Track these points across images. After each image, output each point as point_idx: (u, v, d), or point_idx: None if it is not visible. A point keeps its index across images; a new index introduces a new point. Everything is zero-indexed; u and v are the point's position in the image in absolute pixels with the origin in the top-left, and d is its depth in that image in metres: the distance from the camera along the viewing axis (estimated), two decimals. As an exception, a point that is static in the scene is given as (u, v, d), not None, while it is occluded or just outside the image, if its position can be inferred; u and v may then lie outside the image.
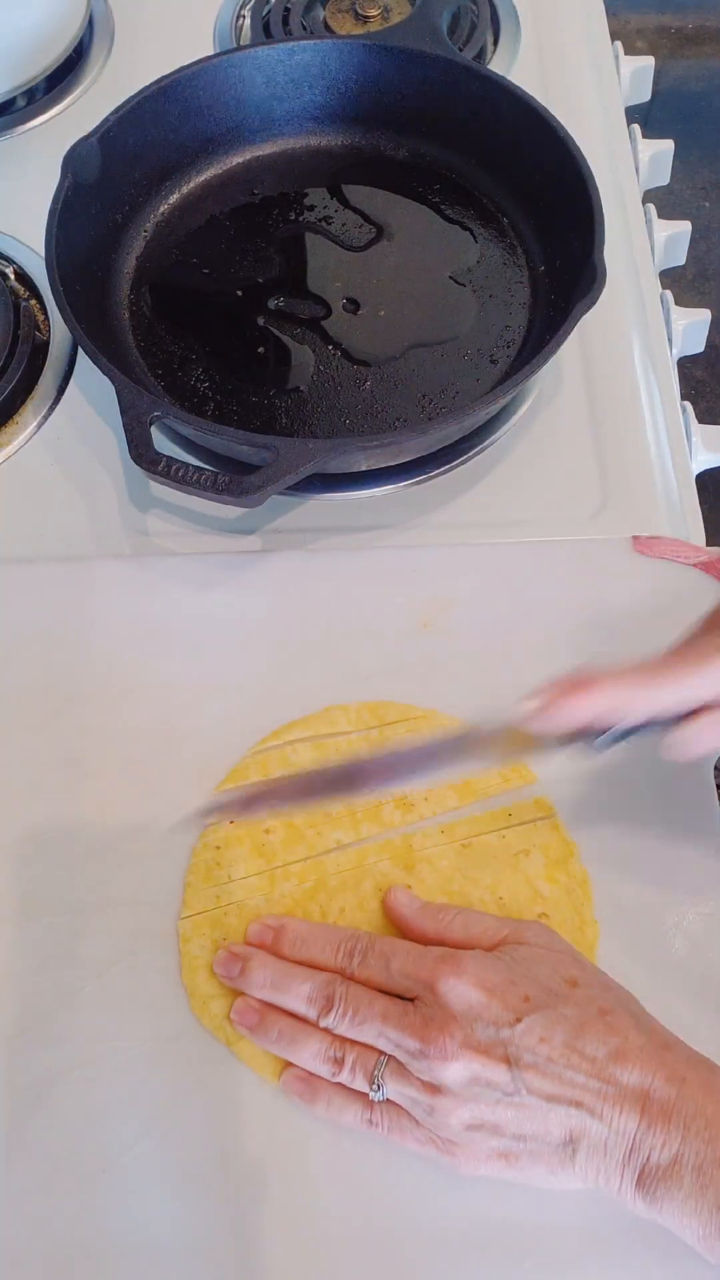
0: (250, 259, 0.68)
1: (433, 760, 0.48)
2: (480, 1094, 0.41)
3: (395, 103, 0.71)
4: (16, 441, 0.64)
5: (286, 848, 0.50)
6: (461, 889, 0.49)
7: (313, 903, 0.49)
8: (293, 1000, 0.45)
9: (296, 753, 0.52)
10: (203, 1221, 0.43)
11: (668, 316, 0.69)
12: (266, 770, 0.52)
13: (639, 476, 0.61)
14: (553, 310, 0.64)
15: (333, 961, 0.45)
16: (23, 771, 0.52)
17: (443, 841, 0.50)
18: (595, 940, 0.48)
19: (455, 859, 0.50)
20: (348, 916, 0.48)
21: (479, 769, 0.50)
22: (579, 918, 0.48)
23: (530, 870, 0.49)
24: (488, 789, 0.51)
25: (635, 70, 0.84)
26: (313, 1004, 0.44)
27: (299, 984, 0.45)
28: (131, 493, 0.61)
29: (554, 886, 0.49)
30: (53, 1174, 0.44)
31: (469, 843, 0.50)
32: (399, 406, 0.62)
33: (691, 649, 0.44)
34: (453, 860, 0.50)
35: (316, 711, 0.53)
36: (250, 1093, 0.46)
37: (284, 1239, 0.43)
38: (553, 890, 0.49)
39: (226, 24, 0.83)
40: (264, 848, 0.50)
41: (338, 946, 0.45)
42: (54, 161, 0.63)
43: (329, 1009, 0.44)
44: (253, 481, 0.53)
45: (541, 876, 0.49)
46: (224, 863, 0.50)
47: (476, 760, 0.47)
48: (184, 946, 0.48)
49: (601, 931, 0.48)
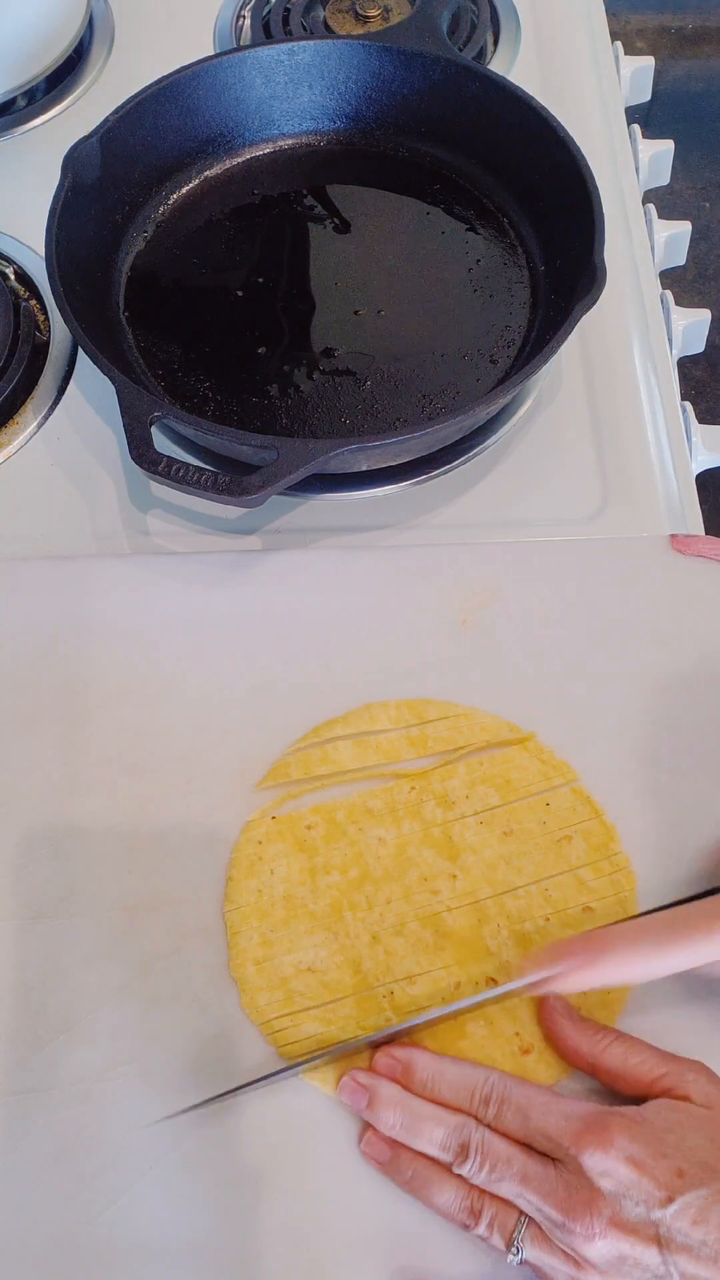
0: (250, 259, 0.68)
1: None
2: (629, 1272, 0.39)
3: (395, 103, 0.71)
4: (16, 441, 0.64)
5: (328, 843, 0.50)
6: (506, 878, 0.49)
7: (359, 894, 0.49)
8: (424, 1144, 0.43)
9: (337, 750, 0.52)
10: (203, 1221, 0.43)
11: (668, 316, 0.69)
12: (307, 768, 0.52)
13: (639, 476, 0.61)
14: (553, 310, 0.64)
15: (465, 1106, 0.43)
16: (61, 769, 0.52)
17: (483, 831, 0.50)
18: None
19: (498, 847, 0.50)
20: (394, 907, 0.49)
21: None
22: (623, 910, 0.48)
23: (574, 858, 0.50)
24: (529, 787, 0.51)
25: (635, 70, 0.84)
26: (446, 1150, 0.42)
27: (431, 1128, 0.42)
28: (131, 493, 0.61)
29: (599, 877, 0.49)
30: (95, 1169, 0.44)
31: (510, 831, 0.50)
32: (399, 406, 0.62)
33: (700, 914, 0.43)
34: (496, 849, 0.50)
35: (356, 709, 0.53)
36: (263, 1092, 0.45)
37: (284, 1239, 0.43)
38: (598, 881, 0.49)
39: (226, 24, 0.83)
40: (305, 843, 0.50)
41: (471, 1092, 0.43)
42: (54, 161, 0.63)
43: (464, 1159, 0.41)
44: (253, 481, 0.53)
45: (585, 864, 0.49)
46: (266, 857, 0.50)
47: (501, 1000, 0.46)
48: (232, 940, 0.48)
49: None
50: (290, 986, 0.47)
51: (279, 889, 0.49)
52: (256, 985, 0.47)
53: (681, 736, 0.53)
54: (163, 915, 0.49)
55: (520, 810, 0.51)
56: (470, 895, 0.49)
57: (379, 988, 0.47)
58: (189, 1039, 0.46)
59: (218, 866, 0.50)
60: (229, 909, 0.49)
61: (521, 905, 0.49)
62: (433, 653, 0.55)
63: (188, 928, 0.49)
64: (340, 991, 0.47)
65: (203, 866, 0.50)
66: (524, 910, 0.49)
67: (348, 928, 0.48)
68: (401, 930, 0.48)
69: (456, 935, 0.48)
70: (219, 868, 0.50)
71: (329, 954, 0.48)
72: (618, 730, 0.53)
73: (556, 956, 0.43)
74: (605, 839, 0.50)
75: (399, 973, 0.47)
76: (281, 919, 0.48)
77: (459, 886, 0.49)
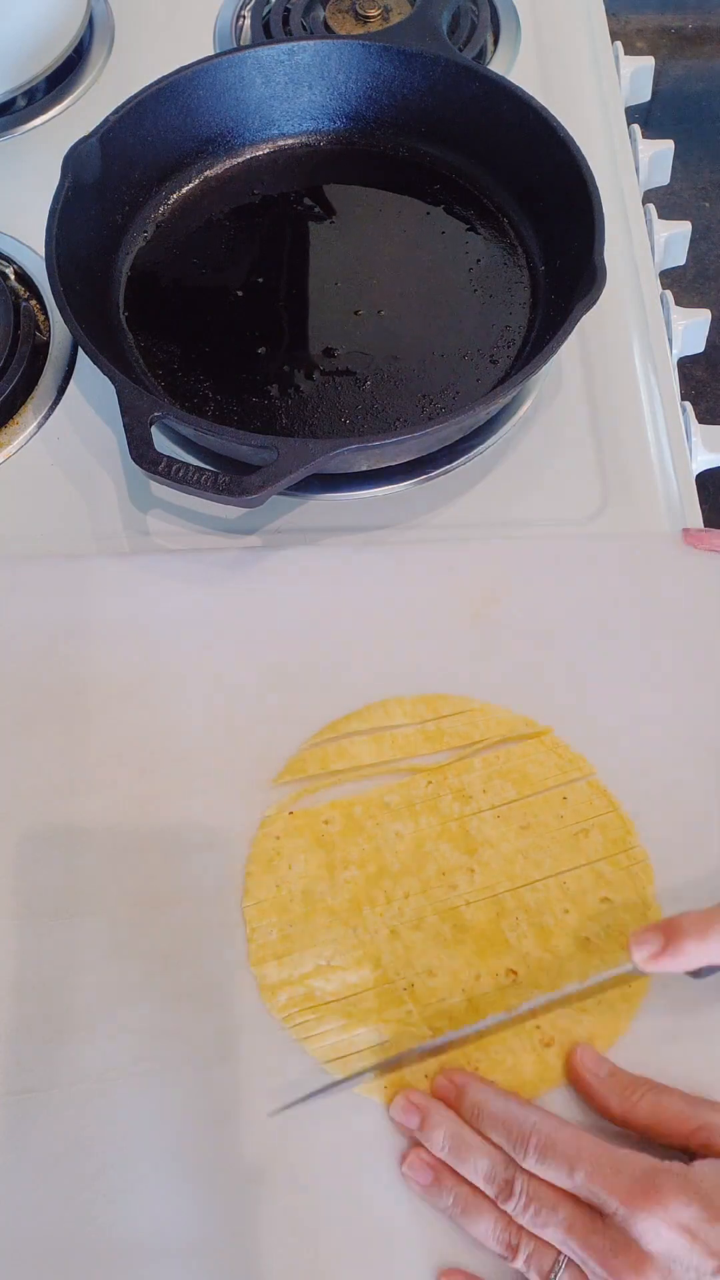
0: (250, 259, 0.68)
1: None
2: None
3: (395, 103, 0.71)
4: (16, 442, 0.64)
5: (346, 838, 0.50)
6: (524, 871, 0.49)
7: (377, 889, 0.49)
8: (469, 1172, 0.42)
9: (353, 745, 0.52)
10: (203, 1221, 0.43)
11: (668, 316, 0.69)
12: (324, 763, 0.52)
13: (639, 476, 0.61)
14: (553, 310, 0.64)
15: (507, 1145, 0.42)
16: (65, 768, 0.52)
17: (500, 825, 0.50)
18: None
19: (516, 840, 0.50)
20: (413, 901, 0.49)
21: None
22: (642, 902, 0.49)
23: (591, 851, 0.50)
24: (545, 781, 0.51)
25: (635, 70, 0.84)
26: (490, 1183, 0.42)
27: (477, 1157, 0.42)
28: (132, 493, 0.61)
29: (616, 870, 0.49)
30: (99, 1168, 0.44)
31: (527, 824, 0.50)
32: (399, 406, 0.62)
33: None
34: (514, 843, 0.50)
35: (370, 704, 0.53)
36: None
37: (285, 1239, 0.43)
38: (615, 874, 0.49)
39: (226, 24, 0.83)
40: (323, 838, 0.50)
41: (508, 1132, 0.42)
42: (54, 161, 0.63)
43: (508, 1195, 0.41)
44: (253, 481, 0.53)
45: (602, 857, 0.50)
46: (284, 852, 0.50)
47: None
48: (251, 933, 0.48)
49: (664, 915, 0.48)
50: (310, 981, 0.47)
51: (297, 884, 0.49)
52: (276, 980, 0.47)
53: (696, 729, 0.53)
54: (179, 911, 0.49)
55: (537, 804, 0.51)
56: (488, 889, 0.49)
57: (399, 981, 0.47)
58: (208, 1034, 0.46)
59: (235, 862, 0.50)
60: (248, 904, 0.49)
61: (540, 898, 0.49)
62: (445, 648, 0.55)
63: (205, 923, 0.49)
64: (360, 985, 0.47)
65: (220, 862, 0.50)
66: (542, 903, 0.49)
67: (366, 922, 0.48)
68: (420, 924, 0.48)
69: (475, 929, 0.48)
70: (237, 863, 0.50)
71: (348, 948, 0.48)
72: (633, 724, 0.53)
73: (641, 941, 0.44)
74: (623, 832, 0.50)
75: (419, 966, 0.47)
76: (300, 914, 0.49)
77: (477, 880, 0.49)
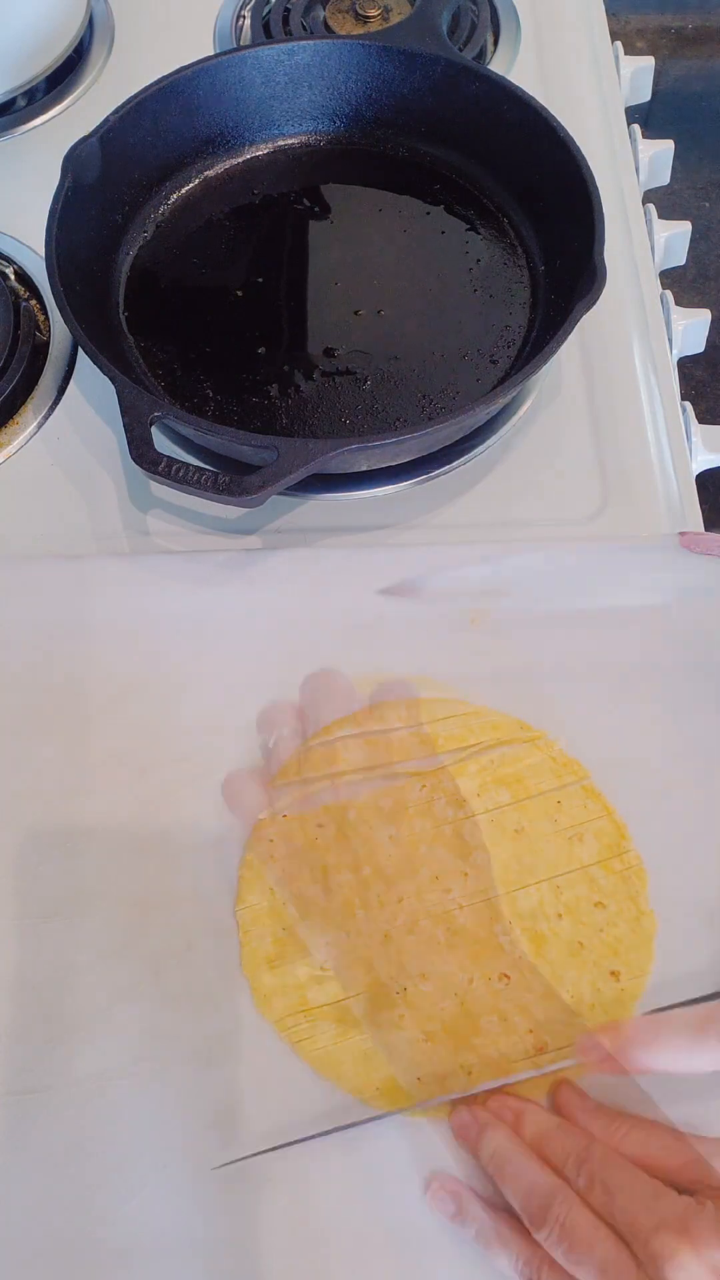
0: (250, 259, 0.68)
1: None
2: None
3: (395, 103, 0.71)
4: (16, 442, 0.64)
5: (339, 841, 0.50)
6: (518, 876, 0.49)
7: (370, 892, 0.49)
8: (511, 1186, 0.42)
9: (347, 748, 0.52)
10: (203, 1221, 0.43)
11: (668, 316, 0.69)
12: (319, 766, 0.52)
13: (639, 476, 0.61)
14: (553, 310, 0.64)
15: (556, 1160, 0.42)
16: (64, 769, 0.52)
17: (494, 829, 0.50)
18: (653, 932, 0.48)
19: (510, 846, 0.50)
20: (406, 906, 0.48)
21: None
22: (636, 908, 0.49)
23: (585, 856, 0.50)
24: (539, 785, 0.51)
25: (635, 70, 0.84)
26: (530, 1200, 0.41)
27: (525, 1172, 0.42)
28: (132, 493, 0.61)
29: (610, 875, 0.49)
30: (102, 1170, 0.44)
31: (521, 829, 0.50)
32: (399, 406, 0.62)
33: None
34: (507, 847, 0.50)
35: (365, 707, 0.53)
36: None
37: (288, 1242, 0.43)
38: (608, 879, 0.49)
39: (226, 24, 0.83)
40: (316, 842, 0.50)
41: (567, 1154, 0.42)
42: (54, 161, 0.63)
43: (542, 1223, 0.40)
44: (253, 481, 0.53)
45: (595, 861, 0.49)
46: (277, 856, 0.50)
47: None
48: (244, 938, 0.48)
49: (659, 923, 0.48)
50: (303, 984, 0.47)
51: (290, 888, 0.49)
52: (269, 983, 0.47)
53: (692, 734, 0.53)
54: (174, 914, 0.49)
55: (531, 808, 0.51)
56: (482, 893, 0.49)
57: (392, 985, 0.47)
58: (201, 1038, 0.46)
59: (229, 865, 0.50)
60: (240, 908, 0.49)
61: (533, 903, 0.49)
62: (441, 651, 0.55)
63: (199, 926, 0.49)
64: (353, 989, 0.47)
65: (213, 865, 0.50)
66: (536, 908, 0.49)
67: (360, 926, 0.48)
68: (413, 928, 0.48)
69: (468, 933, 0.48)
70: (230, 866, 0.50)
71: (341, 952, 0.48)
72: (627, 728, 0.53)
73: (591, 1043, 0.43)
74: (616, 837, 0.50)
75: (412, 970, 0.47)
76: (293, 918, 0.48)
77: (470, 884, 0.49)
